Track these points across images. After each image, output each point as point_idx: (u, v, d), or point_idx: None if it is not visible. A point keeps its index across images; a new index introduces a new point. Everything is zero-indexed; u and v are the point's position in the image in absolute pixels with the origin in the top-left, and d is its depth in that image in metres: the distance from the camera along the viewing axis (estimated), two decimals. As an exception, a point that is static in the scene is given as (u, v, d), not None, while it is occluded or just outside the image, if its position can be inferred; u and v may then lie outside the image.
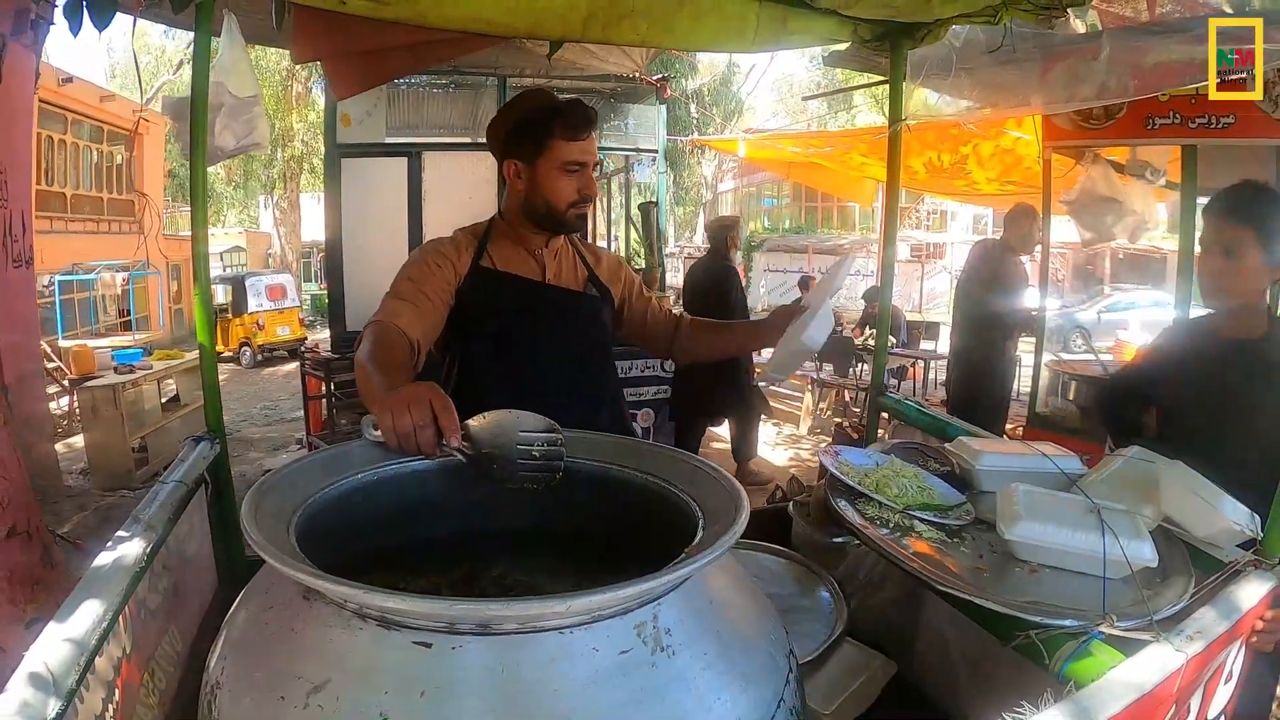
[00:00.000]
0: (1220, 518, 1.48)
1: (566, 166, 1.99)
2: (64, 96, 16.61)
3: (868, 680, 1.55)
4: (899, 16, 2.35)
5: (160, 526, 1.47)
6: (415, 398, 1.25)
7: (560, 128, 1.97)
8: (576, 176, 2.00)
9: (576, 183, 2.01)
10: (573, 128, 1.97)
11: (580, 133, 1.98)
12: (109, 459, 7.51)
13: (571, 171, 1.99)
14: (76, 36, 2.00)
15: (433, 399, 1.25)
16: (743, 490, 1.10)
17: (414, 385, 1.30)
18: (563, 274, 2.17)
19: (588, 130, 1.99)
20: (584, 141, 1.99)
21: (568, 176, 1.99)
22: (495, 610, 0.80)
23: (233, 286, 17.81)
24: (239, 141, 2.58)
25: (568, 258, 2.20)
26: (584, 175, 2.01)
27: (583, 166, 2.01)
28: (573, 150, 1.98)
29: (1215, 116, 3.87)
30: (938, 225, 28.61)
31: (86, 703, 1.01)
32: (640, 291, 2.33)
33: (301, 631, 0.88)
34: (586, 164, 2.01)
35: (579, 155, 1.99)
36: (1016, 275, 5.64)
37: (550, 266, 2.14)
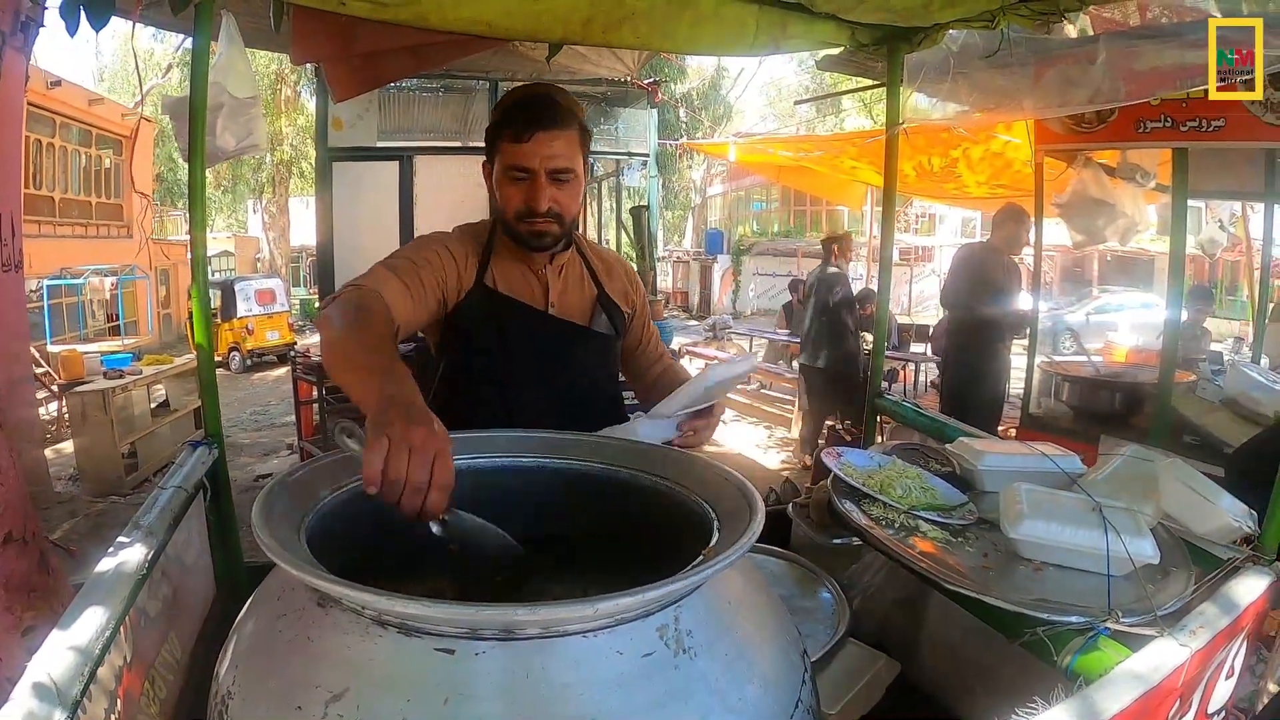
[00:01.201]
0: (1219, 514, 1.50)
1: (509, 173, 1.78)
2: (52, 100, 16.58)
3: (872, 681, 1.55)
4: (897, 21, 2.36)
5: (160, 533, 1.46)
6: (421, 445, 1.01)
7: (506, 126, 1.77)
8: (522, 185, 1.78)
9: (522, 193, 1.78)
10: (515, 126, 1.75)
11: (523, 133, 1.74)
12: (98, 464, 7.50)
13: (516, 179, 1.78)
14: (73, 37, 1.99)
15: (438, 459, 1.02)
16: (756, 491, 1.10)
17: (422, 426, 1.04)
18: (568, 294, 1.97)
19: (531, 130, 1.73)
20: (526, 144, 1.74)
21: (512, 184, 1.79)
22: (520, 615, 0.79)
23: (221, 291, 17.72)
24: (239, 143, 2.58)
25: (574, 273, 1.99)
26: (530, 185, 1.77)
27: (527, 174, 1.77)
28: (515, 154, 1.76)
29: (1206, 120, 3.89)
30: (926, 229, 28.70)
31: (89, 713, 1.00)
32: (644, 322, 2.14)
33: (317, 639, 0.87)
34: (532, 171, 1.76)
35: (520, 160, 1.76)
36: (1007, 277, 5.67)
37: (555, 286, 1.94)
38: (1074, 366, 5.29)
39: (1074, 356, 6.11)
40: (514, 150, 1.75)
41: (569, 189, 1.81)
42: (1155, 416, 4.26)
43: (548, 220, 1.79)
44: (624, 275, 2.10)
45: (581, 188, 1.87)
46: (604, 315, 1.99)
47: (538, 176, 1.76)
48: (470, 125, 7.09)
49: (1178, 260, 4.38)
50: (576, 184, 1.83)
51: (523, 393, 1.88)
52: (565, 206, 1.81)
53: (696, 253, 31.03)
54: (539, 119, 1.74)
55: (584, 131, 1.84)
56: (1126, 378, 4.99)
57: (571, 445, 1.45)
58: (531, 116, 1.74)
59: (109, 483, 7.46)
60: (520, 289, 1.91)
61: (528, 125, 1.73)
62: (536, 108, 1.76)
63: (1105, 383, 4.88)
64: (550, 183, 1.77)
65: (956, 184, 7.67)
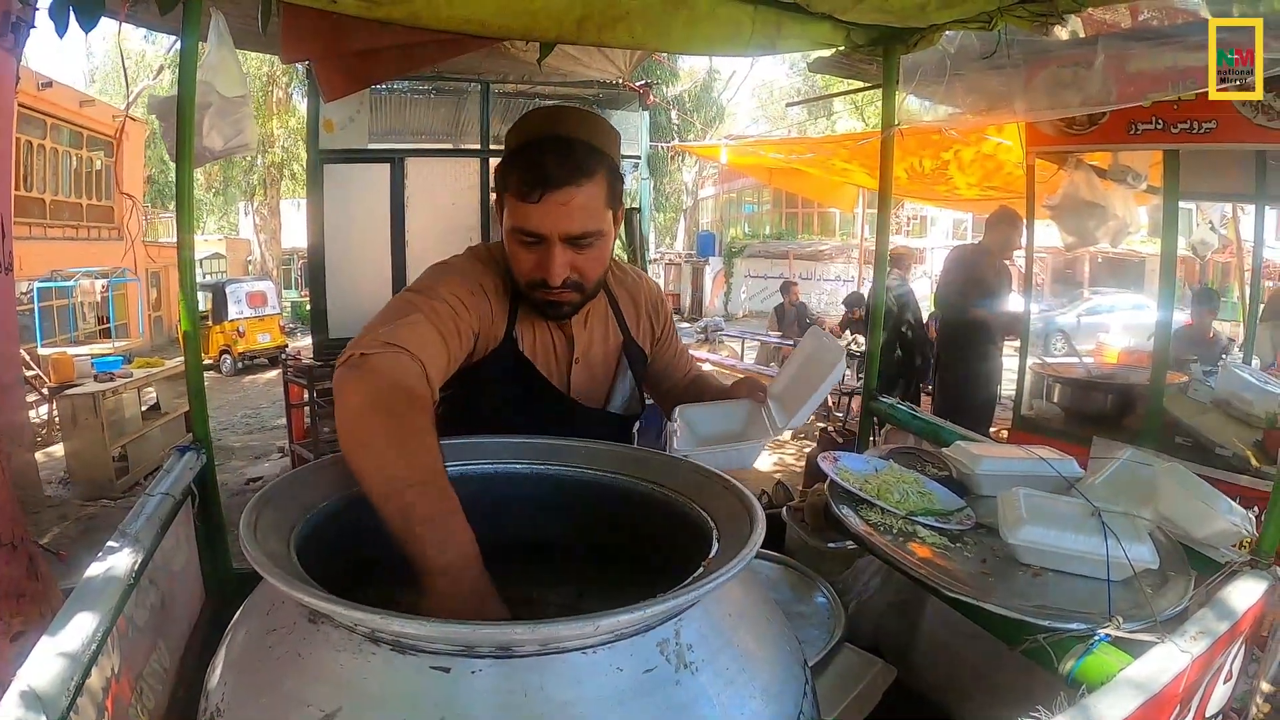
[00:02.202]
0: (1217, 518, 1.49)
1: (516, 234, 1.49)
2: (43, 101, 16.55)
3: (869, 686, 1.54)
4: (894, 22, 2.35)
5: (148, 540, 1.43)
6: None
7: (513, 176, 1.46)
8: (532, 250, 1.48)
9: (532, 259, 1.49)
10: (522, 179, 1.44)
11: (530, 193, 1.42)
12: (89, 468, 7.48)
13: (525, 244, 1.48)
14: (63, 37, 1.96)
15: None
16: (756, 500, 1.09)
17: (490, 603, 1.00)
18: (594, 347, 1.73)
19: (541, 188, 1.41)
20: (534, 205, 1.42)
21: (521, 248, 1.50)
22: (519, 633, 0.78)
23: (213, 294, 17.72)
24: (227, 142, 2.56)
25: (599, 317, 1.74)
26: (544, 253, 1.47)
27: (537, 240, 1.46)
28: (522, 215, 1.45)
29: (1197, 121, 3.89)
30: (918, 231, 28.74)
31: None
32: (668, 344, 1.93)
33: (309, 656, 0.85)
34: (545, 236, 1.45)
35: (527, 223, 1.45)
36: (998, 279, 5.68)
37: (580, 340, 1.70)
38: (1066, 368, 5.29)
39: (1066, 358, 6.11)
40: (521, 210, 1.45)
41: (592, 253, 1.52)
42: (1147, 418, 4.25)
43: (564, 290, 1.52)
44: (647, 305, 1.87)
45: (609, 246, 1.58)
46: (629, 376, 1.80)
47: (551, 244, 1.46)
48: (462, 127, 7.08)
49: (1169, 262, 4.38)
50: (603, 244, 1.53)
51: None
52: (588, 273, 1.53)
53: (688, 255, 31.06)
54: (550, 175, 1.41)
55: (613, 175, 1.53)
56: (1118, 379, 4.99)
57: (565, 452, 1.43)
58: (542, 170, 1.42)
59: (99, 486, 7.44)
60: (546, 347, 1.68)
61: (537, 182, 1.42)
62: (548, 159, 1.43)
63: (1097, 384, 4.88)
64: (567, 249, 1.47)
65: (948, 186, 7.68)
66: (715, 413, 1.90)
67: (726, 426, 1.88)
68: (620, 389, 1.79)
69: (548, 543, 1.36)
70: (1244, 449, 3.74)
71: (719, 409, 1.90)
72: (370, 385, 1.23)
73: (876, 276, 2.88)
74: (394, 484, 1.08)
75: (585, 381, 1.74)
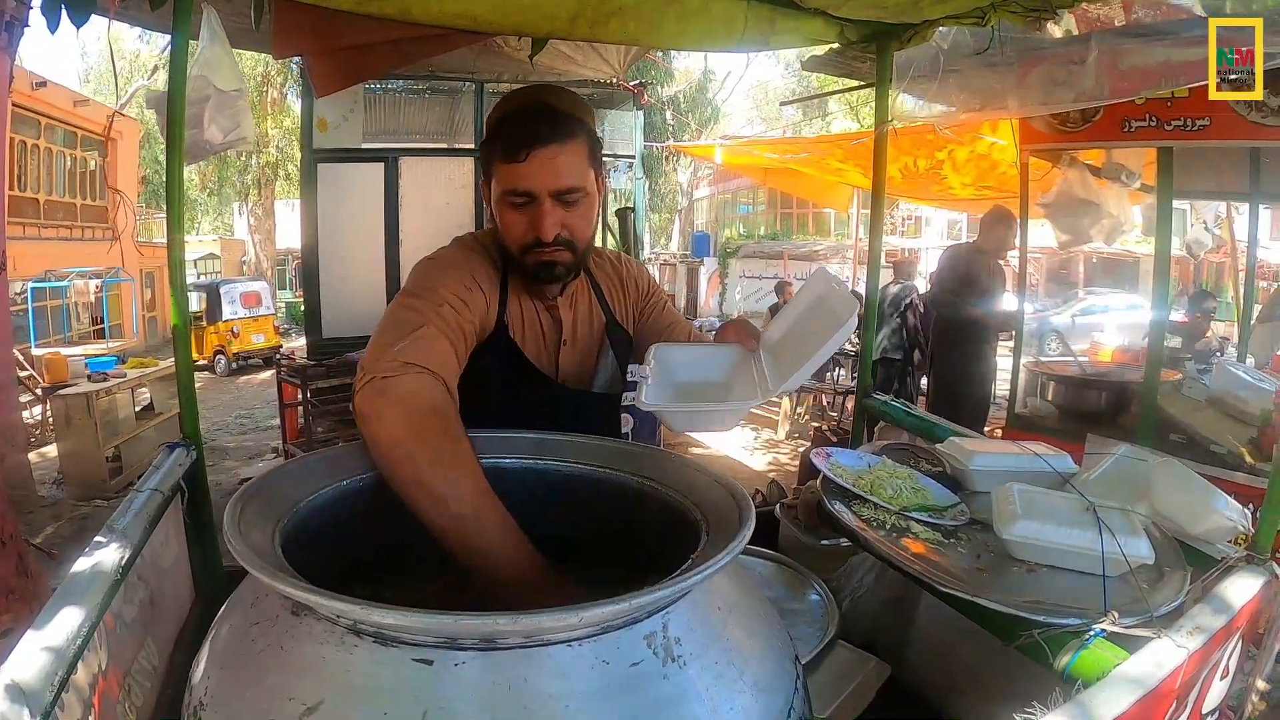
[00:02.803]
0: (1213, 514, 1.48)
1: (508, 198, 1.53)
2: (38, 101, 16.51)
3: (863, 683, 1.53)
4: (887, 17, 2.35)
5: (135, 536, 1.42)
6: None
7: (499, 141, 1.53)
8: (524, 212, 1.53)
9: (525, 220, 1.54)
10: (508, 143, 1.50)
11: (517, 152, 1.49)
12: (83, 468, 7.45)
13: (516, 205, 1.54)
14: (54, 33, 1.95)
15: None
16: (746, 494, 1.08)
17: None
18: (580, 329, 1.75)
19: (528, 147, 1.48)
20: (522, 164, 1.49)
21: (513, 211, 1.54)
22: (502, 625, 0.76)
23: (207, 294, 17.68)
24: (226, 136, 2.56)
25: (584, 302, 1.77)
26: (534, 211, 1.52)
27: (529, 199, 1.52)
28: (511, 176, 1.51)
29: (1191, 119, 3.89)
30: (912, 231, 28.76)
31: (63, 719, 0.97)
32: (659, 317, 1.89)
33: (292, 649, 0.84)
34: (534, 195, 1.51)
35: (518, 182, 1.51)
36: (992, 278, 5.68)
37: (568, 322, 1.73)
38: (1060, 366, 5.30)
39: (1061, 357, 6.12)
40: (510, 172, 1.51)
41: (580, 210, 1.57)
42: (1141, 415, 4.25)
43: (557, 249, 1.56)
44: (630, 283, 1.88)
45: (595, 206, 1.62)
46: (610, 356, 1.79)
47: (541, 201, 1.51)
48: (456, 127, 7.06)
49: (1163, 261, 4.38)
50: (589, 203, 1.58)
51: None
52: (578, 231, 1.58)
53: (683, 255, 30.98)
54: (536, 133, 1.49)
55: (593, 140, 1.60)
56: (1112, 377, 4.99)
57: (556, 446, 1.42)
58: (527, 131, 1.49)
59: (93, 486, 7.41)
60: (534, 330, 1.70)
61: (525, 141, 1.48)
62: (532, 119, 1.52)
63: (1091, 382, 4.88)
64: (557, 205, 1.53)
65: (942, 186, 7.69)
66: (696, 355, 1.66)
67: (707, 376, 1.60)
68: (603, 369, 1.78)
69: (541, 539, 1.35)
70: (1239, 446, 3.74)
71: (701, 351, 1.68)
72: (403, 414, 1.24)
73: (870, 275, 2.87)
74: (449, 518, 1.15)
75: (573, 363, 1.75)
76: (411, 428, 1.21)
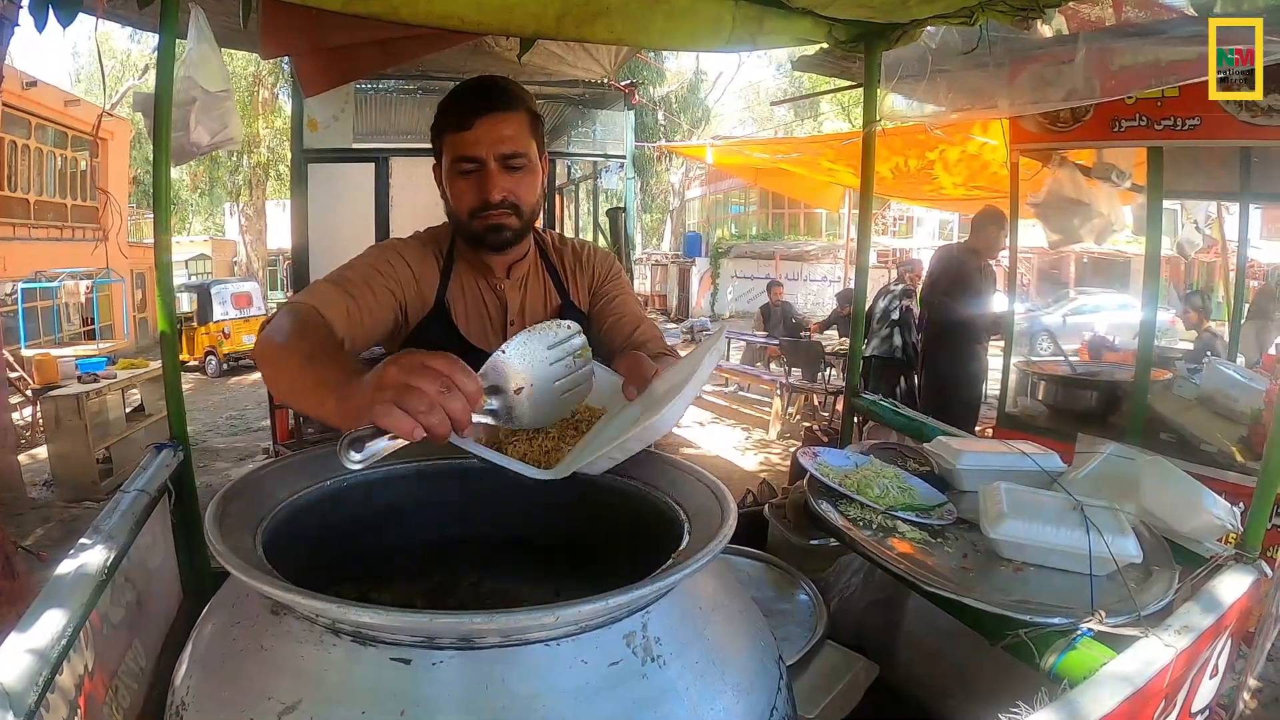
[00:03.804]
0: (1202, 512, 1.48)
1: (457, 165, 1.64)
2: (28, 100, 16.47)
3: (851, 683, 1.53)
4: (875, 17, 2.34)
5: (121, 537, 1.41)
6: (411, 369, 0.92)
7: (448, 115, 1.64)
8: (472, 178, 1.63)
9: (473, 185, 1.63)
10: (456, 112, 1.62)
11: (465, 119, 1.60)
12: (73, 470, 7.42)
13: (464, 172, 1.64)
14: (42, 32, 1.94)
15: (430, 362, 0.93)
16: (729, 492, 1.07)
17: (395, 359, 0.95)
18: (527, 313, 1.81)
19: (476, 115, 1.59)
20: (471, 131, 1.60)
21: (462, 178, 1.64)
22: (479, 623, 0.76)
23: (198, 295, 17.60)
24: (213, 137, 2.54)
25: (536, 284, 1.84)
26: (481, 176, 1.62)
27: (477, 165, 1.62)
28: (460, 143, 1.62)
29: (1181, 119, 3.89)
30: (904, 231, 28.85)
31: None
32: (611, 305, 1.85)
33: (271, 648, 0.83)
34: (480, 160, 1.61)
35: (467, 149, 1.61)
36: (983, 279, 5.69)
37: (514, 302, 1.80)
38: (1050, 365, 5.30)
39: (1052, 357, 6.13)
40: (459, 140, 1.61)
41: (524, 177, 1.66)
42: (1132, 414, 4.26)
43: (503, 211, 1.65)
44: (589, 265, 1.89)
45: (539, 178, 1.72)
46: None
47: (487, 165, 1.61)
48: (446, 127, 7.02)
49: (1154, 260, 4.38)
50: (532, 172, 1.68)
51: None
52: (522, 196, 1.67)
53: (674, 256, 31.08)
54: (482, 103, 1.61)
55: (534, 116, 1.70)
56: (1103, 376, 5.00)
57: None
58: (474, 101, 1.61)
59: (84, 488, 7.38)
60: (479, 311, 1.78)
61: (471, 110, 1.60)
62: (479, 93, 1.63)
63: (1082, 381, 4.89)
64: (502, 171, 1.62)
65: (933, 186, 7.70)
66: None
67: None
68: None
69: (524, 539, 1.34)
70: (1229, 445, 3.75)
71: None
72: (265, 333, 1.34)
73: (858, 274, 2.87)
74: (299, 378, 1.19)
75: None
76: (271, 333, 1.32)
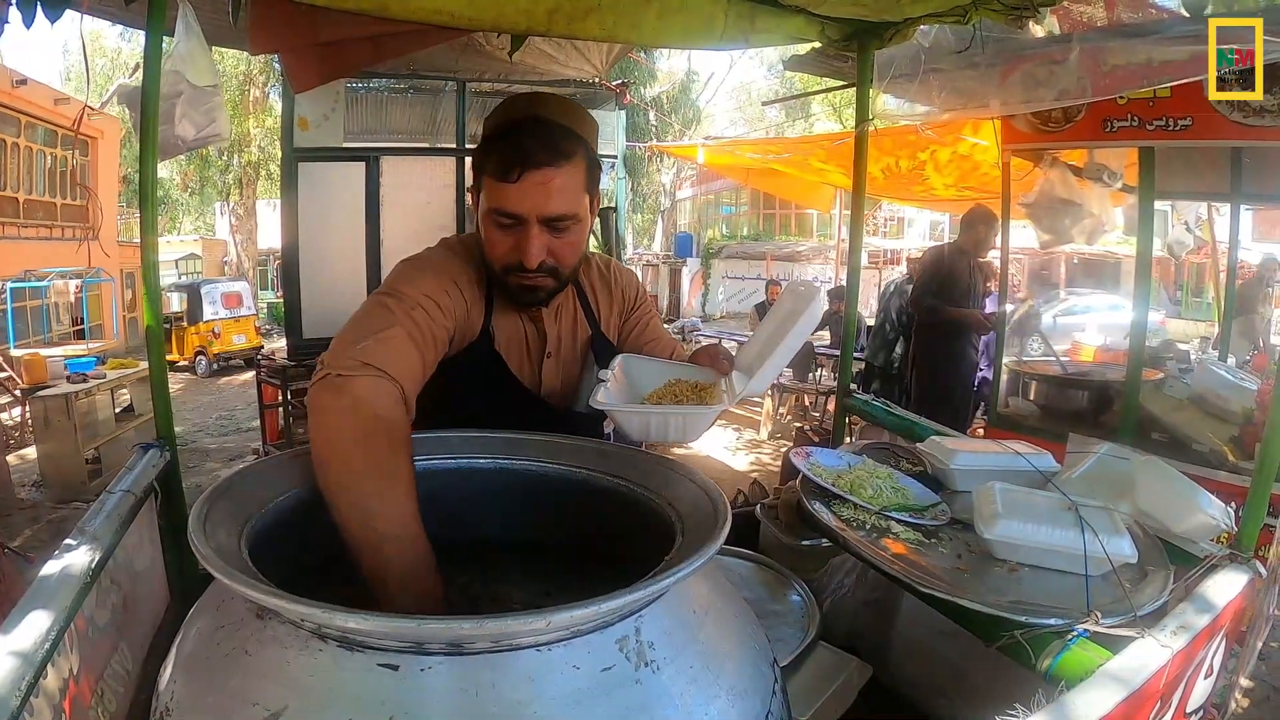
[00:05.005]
0: (1196, 512, 1.48)
1: (494, 216, 1.45)
2: (18, 99, 16.41)
3: (844, 684, 1.52)
4: (868, 15, 2.34)
5: (107, 538, 1.40)
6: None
7: (492, 157, 1.44)
8: (509, 232, 1.45)
9: (509, 242, 1.46)
10: (502, 159, 1.41)
11: (509, 171, 1.39)
12: (62, 470, 7.38)
13: (502, 225, 1.45)
14: (29, 27, 1.93)
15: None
16: (723, 495, 1.06)
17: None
18: (565, 342, 1.70)
19: (521, 167, 1.38)
20: (512, 185, 1.39)
21: (498, 230, 1.46)
22: (467, 628, 0.74)
23: (188, 294, 17.54)
24: (200, 131, 2.52)
25: (569, 314, 1.70)
26: (522, 235, 1.44)
27: (516, 221, 1.43)
28: (500, 196, 1.42)
29: (1173, 119, 3.90)
30: (895, 232, 28.86)
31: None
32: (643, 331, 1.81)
33: (256, 653, 0.82)
34: (523, 219, 1.42)
35: (506, 203, 1.42)
36: (974, 279, 5.70)
37: (552, 334, 1.67)
38: (1042, 365, 5.32)
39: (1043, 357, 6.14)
40: (499, 191, 1.42)
41: (569, 238, 1.49)
42: (1124, 414, 4.27)
43: (540, 275, 1.48)
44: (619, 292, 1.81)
45: (585, 233, 1.55)
46: (595, 369, 1.68)
47: (529, 225, 1.43)
48: (437, 126, 7.01)
49: (1144, 261, 4.39)
50: (579, 229, 1.51)
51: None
52: (564, 259, 1.50)
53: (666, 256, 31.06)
54: (530, 154, 1.39)
55: (592, 165, 1.51)
56: (1094, 376, 5.01)
57: (529, 445, 1.40)
58: (521, 149, 1.40)
59: (73, 489, 7.32)
60: (519, 341, 1.65)
61: (516, 160, 1.39)
62: (527, 139, 1.41)
63: (1073, 381, 4.90)
64: (544, 231, 1.44)
65: (924, 186, 7.71)
66: (665, 372, 1.57)
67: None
68: (587, 384, 1.71)
69: (516, 540, 1.33)
70: (1221, 444, 3.76)
71: (670, 369, 1.58)
72: (350, 417, 1.18)
73: (850, 275, 2.87)
74: (372, 535, 1.08)
75: (555, 376, 1.70)
76: (356, 432, 1.16)
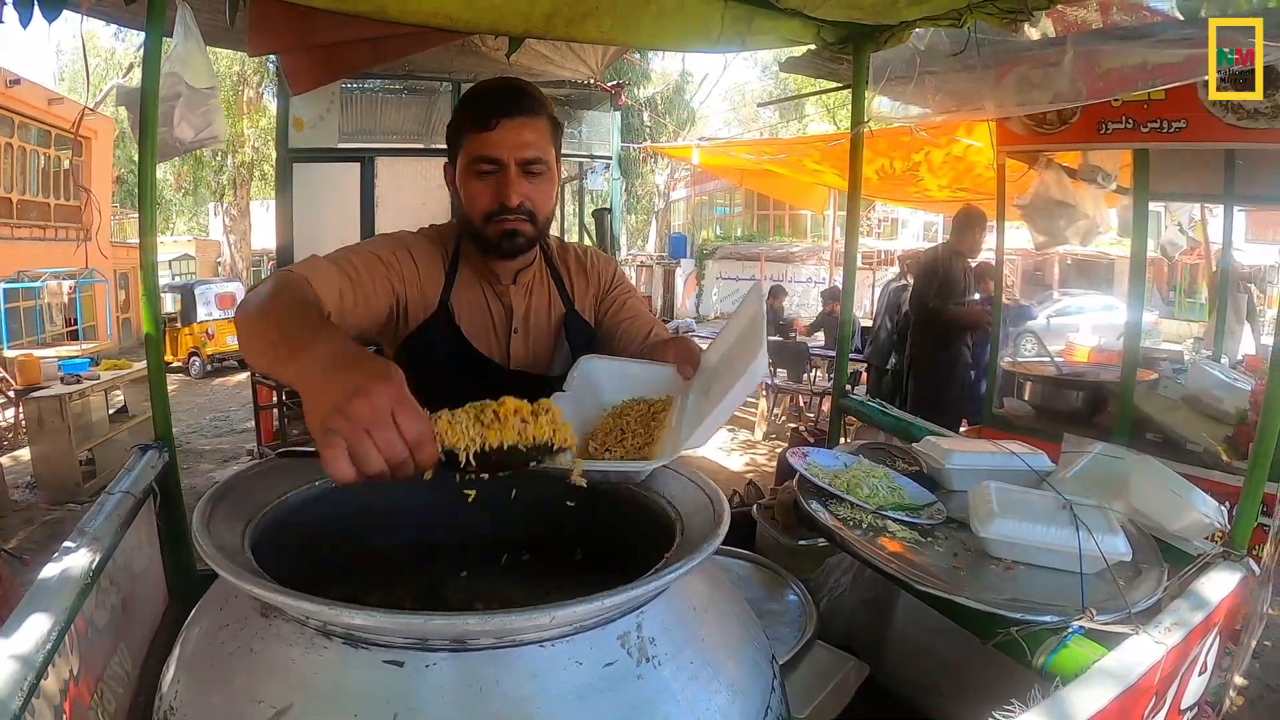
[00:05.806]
0: (1190, 510, 1.49)
1: (475, 165, 1.59)
2: (11, 99, 16.37)
3: (841, 683, 1.53)
4: (864, 18, 2.35)
5: (107, 539, 1.40)
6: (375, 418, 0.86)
7: (469, 114, 1.60)
8: (490, 180, 1.59)
9: (491, 188, 1.59)
10: (480, 114, 1.58)
11: (488, 119, 1.56)
12: (56, 472, 7.35)
13: (483, 173, 1.59)
14: (26, 27, 1.93)
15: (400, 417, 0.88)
16: (721, 494, 1.07)
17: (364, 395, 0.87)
18: (532, 318, 1.77)
19: (499, 117, 1.56)
20: (493, 132, 1.56)
21: (479, 180, 1.60)
22: (472, 625, 0.75)
23: (182, 295, 17.48)
24: (198, 134, 2.52)
25: (541, 291, 1.79)
26: (500, 178, 1.58)
27: (497, 166, 1.58)
28: (481, 143, 1.58)
29: (1167, 121, 3.91)
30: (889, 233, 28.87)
31: (32, 726, 0.94)
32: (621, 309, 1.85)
33: (261, 651, 0.82)
34: (502, 162, 1.57)
35: (487, 149, 1.57)
36: (966, 279, 5.72)
37: (519, 308, 1.75)
38: (1037, 366, 5.33)
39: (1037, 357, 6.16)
40: (480, 140, 1.57)
41: (542, 184, 1.63)
42: (1118, 414, 4.28)
43: (519, 218, 1.61)
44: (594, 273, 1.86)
45: (555, 185, 1.70)
46: (567, 345, 1.77)
47: (507, 168, 1.57)
48: (433, 127, 7.01)
49: (1138, 262, 4.41)
50: (550, 179, 1.66)
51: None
52: (538, 203, 1.63)
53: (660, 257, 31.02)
54: (506, 105, 1.57)
55: (555, 123, 1.67)
56: (1089, 376, 5.02)
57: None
58: (499, 102, 1.57)
59: (67, 490, 7.30)
60: (483, 317, 1.74)
61: (495, 112, 1.56)
62: (503, 94, 1.59)
63: (1068, 381, 4.91)
64: (521, 175, 1.59)
65: (918, 187, 7.72)
66: (627, 373, 1.54)
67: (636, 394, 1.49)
68: (559, 360, 1.78)
69: (514, 540, 1.33)
70: (1215, 444, 3.77)
71: (633, 370, 1.55)
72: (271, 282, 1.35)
73: (846, 276, 2.88)
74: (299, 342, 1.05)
75: (524, 351, 1.78)
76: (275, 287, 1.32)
